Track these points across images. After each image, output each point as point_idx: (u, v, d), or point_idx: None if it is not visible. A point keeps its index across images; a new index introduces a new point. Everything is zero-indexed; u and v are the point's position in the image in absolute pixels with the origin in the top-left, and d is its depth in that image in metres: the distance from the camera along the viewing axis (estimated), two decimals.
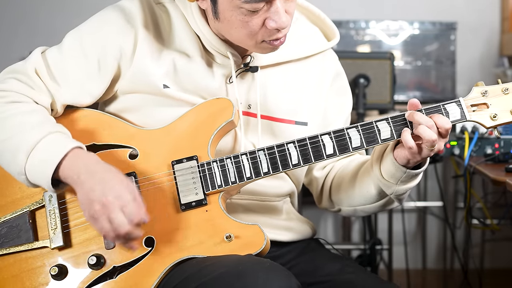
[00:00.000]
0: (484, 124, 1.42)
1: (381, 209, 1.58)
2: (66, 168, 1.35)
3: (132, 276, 1.39)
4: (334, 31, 1.65)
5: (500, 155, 2.05)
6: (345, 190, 1.60)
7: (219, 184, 1.42)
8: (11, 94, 1.44)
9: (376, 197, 1.54)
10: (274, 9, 1.37)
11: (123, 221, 1.29)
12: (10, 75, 1.47)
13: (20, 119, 1.40)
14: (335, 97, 1.65)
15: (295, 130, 1.57)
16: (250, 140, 1.54)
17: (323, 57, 1.64)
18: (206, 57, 1.52)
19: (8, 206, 1.46)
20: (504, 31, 3.33)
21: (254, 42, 1.43)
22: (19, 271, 1.43)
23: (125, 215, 1.29)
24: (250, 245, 1.38)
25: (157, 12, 1.52)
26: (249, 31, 1.40)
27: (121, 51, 1.48)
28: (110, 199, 1.29)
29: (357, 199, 1.58)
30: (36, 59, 1.48)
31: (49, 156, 1.35)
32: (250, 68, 1.53)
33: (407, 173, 1.45)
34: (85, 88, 1.49)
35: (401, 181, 1.47)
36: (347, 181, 1.60)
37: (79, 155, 1.36)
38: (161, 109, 1.49)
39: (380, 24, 3.16)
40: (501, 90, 1.42)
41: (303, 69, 1.60)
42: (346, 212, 1.64)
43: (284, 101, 1.57)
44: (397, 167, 1.45)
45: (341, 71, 1.68)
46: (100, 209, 1.30)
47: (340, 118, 1.66)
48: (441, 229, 3.44)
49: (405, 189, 1.49)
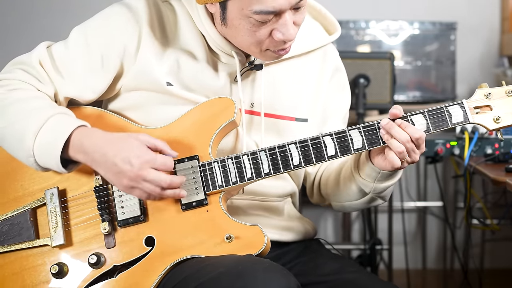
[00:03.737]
0: (487, 126, 1.41)
1: (366, 205, 1.59)
2: (74, 147, 1.36)
3: (132, 275, 1.39)
4: (335, 25, 1.65)
5: (500, 155, 2.05)
6: (331, 187, 1.61)
7: (220, 184, 1.42)
8: (15, 82, 1.45)
9: (358, 195, 1.55)
10: (282, 21, 1.37)
11: (161, 176, 1.33)
12: (15, 66, 1.49)
13: (24, 104, 1.41)
14: (335, 92, 1.66)
15: (296, 127, 1.57)
16: (253, 138, 1.54)
17: (324, 52, 1.65)
18: (211, 56, 1.52)
19: (9, 204, 1.47)
20: (504, 31, 3.33)
21: (259, 50, 1.43)
22: (20, 269, 1.43)
23: (159, 169, 1.33)
24: (251, 246, 1.38)
25: (163, 10, 1.52)
26: (256, 40, 1.40)
27: (125, 48, 1.49)
28: (136, 167, 1.32)
29: (342, 195, 1.59)
30: (41, 51, 1.49)
31: (55, 136, 1.36)
32: (255, 66, 1.53)
33: (382, 173, 1.46)
34: (87, 83, 1.49)
35: (378, 180, 1.47)
36: (332, 177, 1.61)
37: (86, 132, 1.38)
38: (164, 107, 1.50)
39: (380, 24, 3.16)
40: (505, 92, 1.41)
41: (305, 64, 1.61)
42: (336, 207, 1.65)
43: (286, 97, 1.57)
44: (371, 167, 1.46)
45: (340, 67, 1.68)
46: (131, 181, 1.33)
47: (338, 115, 1.66)
48: (441, 229, 3.44)
49: (384, 187, 1.50)
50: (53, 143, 1.35)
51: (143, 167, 1.32)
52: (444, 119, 1.41)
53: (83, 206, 1.45)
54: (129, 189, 1.35)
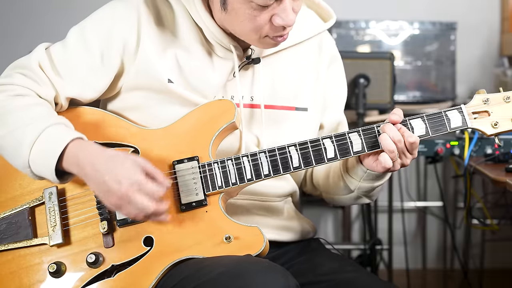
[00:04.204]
0: (485, 131, 1.43)
1: (354, 202, 1.59)
2: (69, 159, 1.36)
3: (130, 275, 1.39)
4: (330, 12, 1.66)
5: (500, 155, 2.05)
6: (322, 177, 1.62)
7: (219, 185, 1.42)
8: (15, 88, 1.45)
9: (345, 191, 1.56)
10: (283, 6, 1.37)
11: (145, 203, 1.31)
12: (14, 70, 1.48)
13: (23, 112, 1.41)
14: (333, 80, 1.66)
15: (296, 117, 1.57)
16: (254, 132, 1.54)
17: (320, 39, 1.65)
18: (208, 50, 1.52)
19: (7, 203, 1.46)
20: (504, 31, 3.32)
21: (257, 37, 1.43)
22: (17, 268, 1.43)
23: (145, 195, 1.31)
24: (249, 247, 1.38)
25: (160, 6, 1.52)
26: (255, 26, 1.40)
27: (124, 46, 1.49)
28: (124, 187, 1.30)
29: (331, 188, 1.60)
30: (39, 53, 1.49)
31: (51, 147, 1.35)
32: (252, 60, 1.53)
33: (368, 173, 1.46)
34: (88, 82, 1.49)
35: (364, 179, 1.48)
36: (322, 169, 1.61)
37: (81, 145, 1.37)
38: (164, 107, 1.50)
39: (380, 24, 3.15)
40: (502, 99, 1.43)
41: (302, 53, 1.61)
42: (327, 199, 1.66)
43: (285, 87, 1.58)
44: (359, 166, 1.46)
45: (337, 55, 1.69)
46: (119, 200, 1.31)
47: (337, 102, 1.67)
48: (441, 229, 3.43)
49: (369, 187, 1.50)
50: (48, 154, 1.35)
51: (130, 189, 1.30)
52: (443, 123, 1.42)
53: (82, 205, 1.45)
54: (116, 208, 1.34)
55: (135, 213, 1.32)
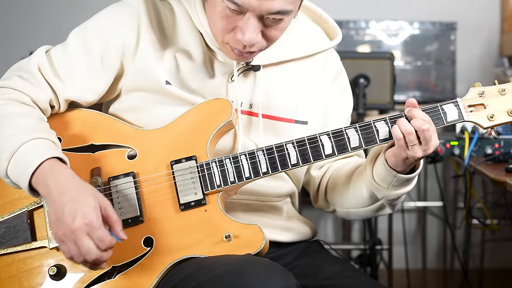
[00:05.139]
0: (481, 124, 1.43)
1: (373, 214, 1.57)
2: (39, 178, 1.34)
3: (131, 276, 1.39)
4: (337, 31, 1.65)
5: (500, 155, 2.05)
6: (339, 191, 1.60)
7: (218, 184, 1.42)
8: (10, 91, 1.45)
9: (368, 201, 1.54)
10: (244, 21, 1.36)
11: (91, 248, 1.27)
12: (13, 73, 1.49)
13: (10, 121, 1.40)
14: (336, 96, 1.65)
15: (296, 129, 1.57)
16: (252, 139, 1.54)
17: (325, 56, 1.64)
18: (208, 55, 1.52)
19: (6, 206, 1.46)
20: (504, 31, 3.32)
21: (221, 39, 1.42)
22: (17, 272, 1.42)
23: (94, 240, 1.28)
24: (249, 245, 1.38)
25: (161, 9, 1.52)
26: (222, 27, 1.39)
27: (124, 47, 1.49)
28: (78, 225, 1.27)
29: (350, 200, 1.58)
30: (39, 56, 1.49)
31: (27, 161, 1.34)
32: (252, 67, 1.53)
33: (398, 178, 1.44)
34: (88, 85, 1.49)
35: (392, 185, 1.46)
36: (342, 181, 1.59)
37: (54, 167, 1.34)
38: (162, 108, 1.49)
39: (380, 24, 3.16)
40: (498, 91, 1.43)
41: (305, 68, 1.60)
42: (340, 213, 1.64)
43: (285, 100, 1.57)
44: (388, 170, 1.44)
45: (342, 71, 1.68)
46: (68, 234, 1.28)
47: (340, 118, 1.66)
48: (441, 229, 3.43)
49: (397, 195, 1.48)
50: (23, 169, 1.34)
51: (81, 228, 1.27)
52: (439, 117, 1.42)
53: None
54: (58, 241, 1.31)
55: (75, 254, 1.29)
